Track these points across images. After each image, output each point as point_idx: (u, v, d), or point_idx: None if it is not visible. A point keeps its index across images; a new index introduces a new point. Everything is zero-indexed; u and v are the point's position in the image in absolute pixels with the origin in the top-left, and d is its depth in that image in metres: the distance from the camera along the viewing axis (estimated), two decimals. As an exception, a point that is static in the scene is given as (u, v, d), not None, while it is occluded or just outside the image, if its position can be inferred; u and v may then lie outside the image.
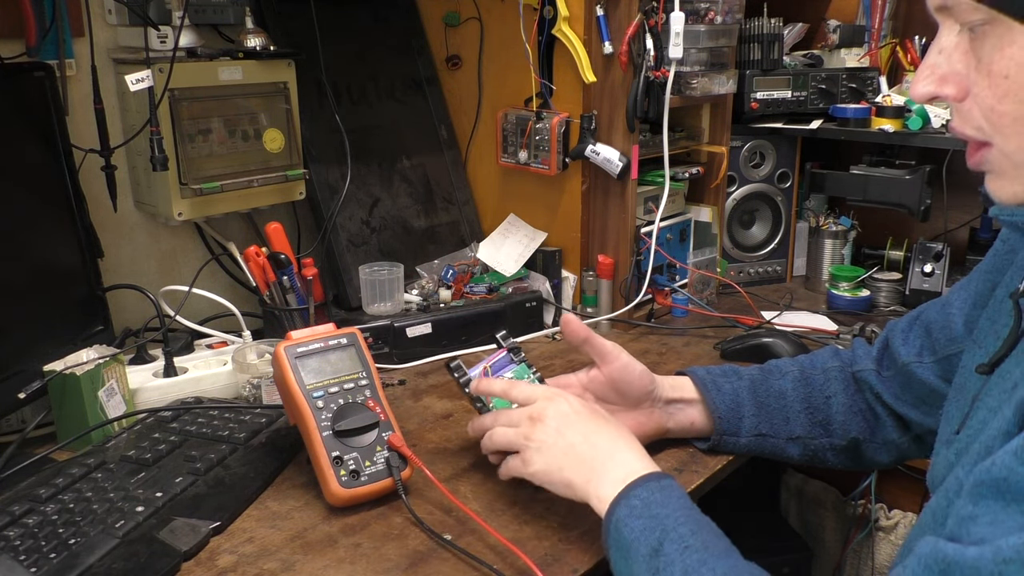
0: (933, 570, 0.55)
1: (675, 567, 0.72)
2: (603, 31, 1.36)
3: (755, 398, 1.02)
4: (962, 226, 1.73)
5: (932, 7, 0.65)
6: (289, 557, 0.84)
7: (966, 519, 0.56)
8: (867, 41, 1.79)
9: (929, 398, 0.94)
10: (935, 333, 0.93)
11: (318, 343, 0.96)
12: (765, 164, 1.71)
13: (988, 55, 0.60)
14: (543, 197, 1.52)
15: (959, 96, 0.64)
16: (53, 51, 1.19)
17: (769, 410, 1.02)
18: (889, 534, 1.75)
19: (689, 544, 0.73)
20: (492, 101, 1.56)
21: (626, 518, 0.77)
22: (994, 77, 0.60)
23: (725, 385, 1.03)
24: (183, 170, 1.26)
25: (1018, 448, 0.54)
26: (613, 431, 0.86)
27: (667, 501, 0.77)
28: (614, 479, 0.80)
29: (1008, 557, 0.50)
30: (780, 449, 1.03)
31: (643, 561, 0.74)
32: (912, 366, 0.94)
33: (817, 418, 1.01)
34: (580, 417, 0.87)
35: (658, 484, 0.79)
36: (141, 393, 1.14)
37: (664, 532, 0.74)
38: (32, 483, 0.93)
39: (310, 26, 1.39)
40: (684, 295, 1.54)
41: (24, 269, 1.08)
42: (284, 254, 1.30)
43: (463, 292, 1.45)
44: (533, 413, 0.88)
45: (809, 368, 1.04)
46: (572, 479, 0.83)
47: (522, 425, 0.88)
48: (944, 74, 0.64)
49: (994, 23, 0.59)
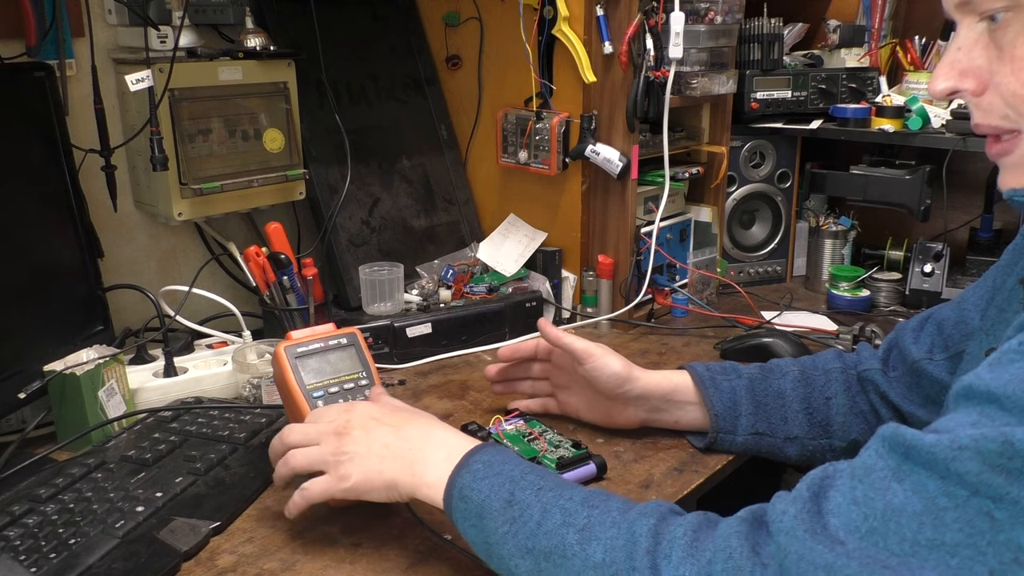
0: (895, 452, 0.57)
1: (532, 508, 0.71)
2: (603, 31, 1.36)
3: (753, 397, 1.02)
4: (962, 226, 1.73)
5: (951, 6, 0.67)
6: (289, 557, 0.84)
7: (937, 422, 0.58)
8: (867, 41, 1.79)
9: (938, 397, 0.93)
10: (948, 330, 0.93)
11: (318, 343, 0.96)
12: (765, 164, 1.71)
13: (1011, 41, 0.62)
14: (543, 197, 1.52)
15: (979, 89, 0.66)
16: (53, 51, 1.19)
17: (767, 409, 1.02)
18: (889, 534, 1.74)
19: (542, 486, 0.73)
20: (492, 101, 1.56)
21: (471, 483, 0.76)
22: (1018, 62, 0.62)
23: (724, 383, 1.03)
24: (183, 170, 1.26)
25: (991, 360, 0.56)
26: (421, 421, 0.85)
27: (508, 459, 0.77)
28: (438, 461, 0.79)
29: (963, 444, 0.53)
30: (777, 449, 1.03)
31: (498, 515, 0.73)
32: (922, 363, 0.94)
33: (817, 419, 1.01)
34: (384, 416, 0.85)
35: (494, 449, 0.79)
36: (141, 393, 1.14)
37: (513, 482, 0.74)
38: (32, 483, 0.92)
39: (310, 26, 1.39)
40: (684, 295, 1.54)
41: (24, 269, 1.08)
42: (284, 254, 1.30)
43: (463, 292, 1.45)
44: (337, 428, 0.84)
45: (811, 368, 1.04)
46: (395, 477, 0.80)
47: (325, 442, 0.83)
48: (964, 68, 0.66)
49: (1016, 9, 0.61)
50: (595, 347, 1.04)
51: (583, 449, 1.01)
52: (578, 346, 1.04)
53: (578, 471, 0.97)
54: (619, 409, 1.06)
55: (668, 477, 1.00)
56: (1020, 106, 0.63)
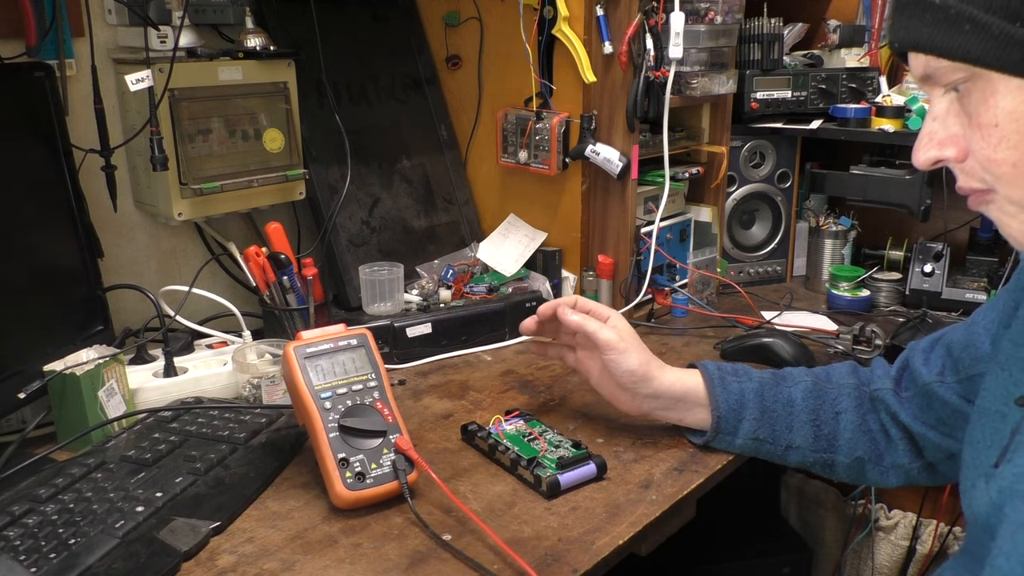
0: None
1: None
2: (603, 31, 1.36)
3: (761, 401, 1.02)
4: (962, 226, 1.73)
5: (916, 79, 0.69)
6: (289, 557, 0.84)
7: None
8: (867, 41, 1.79)
9: (950, 419, 0.92)
10: (957, 353, 0.91)
11: (328, 344, 0.96)
12: (765, 164, 1.71)
13: (975, 109, 0.64)
14: (543, 197, 1.52)
15: (960, 157, 0.67)
16: (53, 51, 1.19)
17: (773, 416, 1.02)
18: (889, 534, 1.75)
19: None
20: (492, 101, 1.56)
21: None
22: (985, 128, 0.64)
23: (732, 384, 1.03)
24: (183, 170, 1.26)
25: None
26: None
27: None
28: None
29: None
30: (777, 456, 1.03)
31: None
32: (933, 386, 0.92)
33: (823, 432, 1.00)
34: None
35: None
36: (141, 393, 1.14)
37: None
38: (32, 483, 0.93)
39: (310, 26, 1.39)
40: (684, 295, 1.54)
41: (24, 269, 1.08)
42: (284, 254, 1.30)
43: (463, 292, 1.45)
44: None
45: (824, 380, 1.04)
46: None
47: None
48: (942, 139, 0.68)
49: (974, 79, 0.63)
50: (618, 340, 1.03)
51: (583, 449, 1.01)
52: (601, 337, 1.03)
53: (578, 471, 0.97)
54: (627, 397, 1.06)
55: (668, 477, 1.00)
56: (995, 169, 0.64)
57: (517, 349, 1.40)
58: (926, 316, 1.54)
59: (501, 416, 1.09)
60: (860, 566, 1.81)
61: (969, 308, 1.55)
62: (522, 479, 0.98)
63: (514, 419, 1.09)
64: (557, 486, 0.94)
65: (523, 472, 0.97)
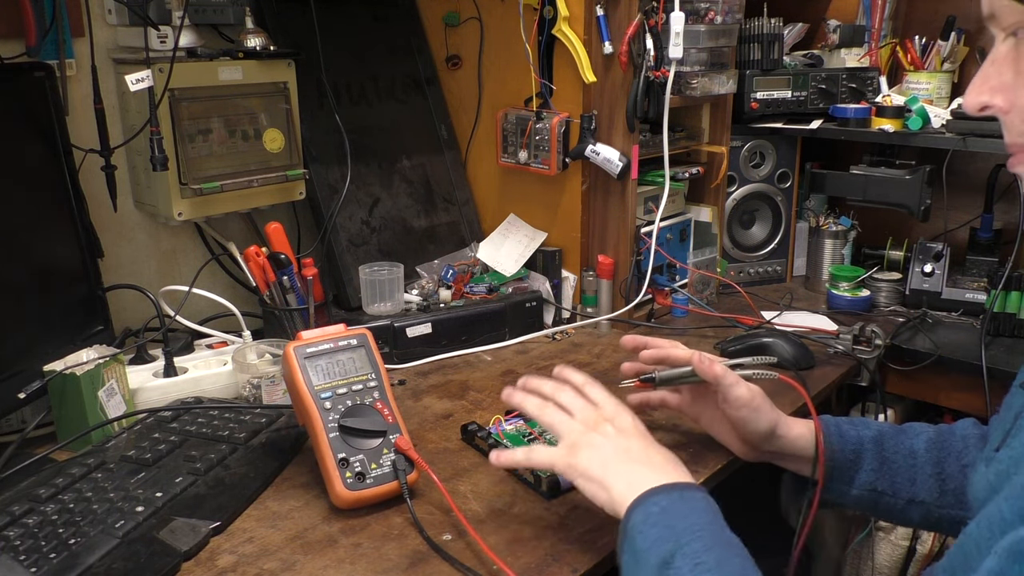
0: None
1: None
2: (603, 31, 1.36)
3: (880, 451, 0.95)
4: (962, 226, 1.73)
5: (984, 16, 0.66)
6: (289, 557, 0.84)
7: None
8: (867, 41, 1.79)
9: None
10: None
11: (328, 344, 0.96)
12: (765, 164, 1.71)
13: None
14: (543, 197, 1.52)
15: (1006, 107, 0.65)
16: (53, 51, 1.19)
17: (893, 467, 0.94)
18: (889, 534, 1.75)
19: (701, 561, 0.69)
20: (492, 101, 1.56)
21: (641, 524, 0.73)
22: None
23: (849, 431, 0.96)
24: (183, 170, 1.26)
25: None
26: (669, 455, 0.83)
27: (687, 513, 0.73)
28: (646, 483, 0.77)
29: None
30: (898, 511, 0.95)
31: (652, 571, 0.70)
32: None
33: (949, 486, 0.93)
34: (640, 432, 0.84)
35: (680, 494, 0.75)
36: (141, 393, 1.14)
37: (677, 544, 0.70)
38: (32, 483, 0.93)
39: (310, 26, 1.39)
40: (684, 295, 1.54)
41: (24, 269, 1.08)
42: (284, 254, 1.30)
43: (463, 292, 1.45)
44: (605, 414, 0.85)
45: (947, 433, 0.96)
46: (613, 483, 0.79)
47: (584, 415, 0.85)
48: (995, 85, 0.65)
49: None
50: (751, 396, 0.95)
51: (583, 449, 1.00)
52: (734, 393, 0.95)
53: (578, 471, 0.97)
54: (746, 448, 1.00)
55: (668, 477, 0.99)
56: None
57: (517, 349, 1.40)
58: (926, 316, 1.54)
59: (501, 416, 1.09)
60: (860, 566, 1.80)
61: (969, 308, 1.55)
62: (522, 479, 0.98)
63: (514, 419, 1.08)
64: (557, 486, 0.94)
65: (523, 472, 0.97)
